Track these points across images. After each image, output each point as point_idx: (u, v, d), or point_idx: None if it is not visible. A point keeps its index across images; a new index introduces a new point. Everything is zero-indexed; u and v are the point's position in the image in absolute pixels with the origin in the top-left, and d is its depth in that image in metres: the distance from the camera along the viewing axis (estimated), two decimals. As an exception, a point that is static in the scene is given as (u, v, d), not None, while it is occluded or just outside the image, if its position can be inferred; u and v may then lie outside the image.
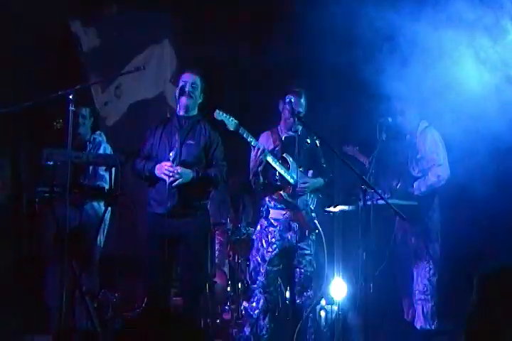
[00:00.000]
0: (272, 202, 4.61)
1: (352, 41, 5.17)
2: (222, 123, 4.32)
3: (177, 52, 6.65)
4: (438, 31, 4.73)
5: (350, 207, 4.69)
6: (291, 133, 4.66)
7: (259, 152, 4.38)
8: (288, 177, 4.51)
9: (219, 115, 4.31)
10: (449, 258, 5.39)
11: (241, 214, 6.24)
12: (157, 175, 4.39)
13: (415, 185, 5.11)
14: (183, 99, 4.50)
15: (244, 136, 4.38)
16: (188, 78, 4.52)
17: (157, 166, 4.40)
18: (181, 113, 4.55)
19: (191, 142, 4.49)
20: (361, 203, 4.40)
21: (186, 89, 4.48)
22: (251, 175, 4.59)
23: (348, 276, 5.15)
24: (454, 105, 4.87)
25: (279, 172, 4.48)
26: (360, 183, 4.27)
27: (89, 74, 6.28)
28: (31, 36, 5.83)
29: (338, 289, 5.15)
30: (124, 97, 6.54)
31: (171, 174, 4.31)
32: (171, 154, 4.39)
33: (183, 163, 4.43)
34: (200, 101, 4.58)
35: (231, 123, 4.31)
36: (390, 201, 4.43)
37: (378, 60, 4.96)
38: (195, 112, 4.59)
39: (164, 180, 4.38)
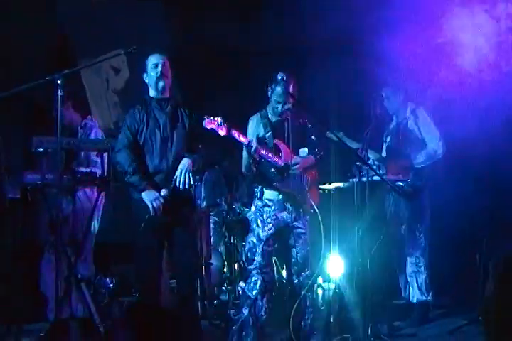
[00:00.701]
0: (266, 183, 4.57)
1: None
2: (212, 130, 4.22)
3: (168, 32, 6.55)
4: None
5: (346, 184, 4.68)
6: (283, 111, 4.60)
7: (253, 150, 4.33)
8: (279, 165, 4.47)
9: (209, 124, 4.21)
10: (446, 233, 5.45)
11: (235, 194, 6.22)
12: (144, 199, 4.30)
13: (412, 157, 5.18)
14: (159, 81, 4.43)
15: (236, 137, 4.31)
16: (158, 59, 4.45)
17: (147, 193, 4.29)
18: (156, 95, 4.48)
19: (178, 124, 4.46)
20: (356, 180, 4.41)
21: (161, 70, 4.42)
22: (244, 170, 4.57)
23: (344, 254, 5.16)
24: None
25: (270, 162, 4.44)
26: (354, 160, 4.27)
27: (78, 59, 6.17)
28: (19, 22, 5.74)
29: (335, 266, 5.16)
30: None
31: (156, 207, 4.27)
32: (162, 192, 4.29)
33: (173, 145, 4.40)
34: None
35: (222, 128, 4.21)
36: (384, 177, 4.44)
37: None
38: (168, 94, 4.53)
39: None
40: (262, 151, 4.38)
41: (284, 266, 4.78)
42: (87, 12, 6.23)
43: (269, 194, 4.55)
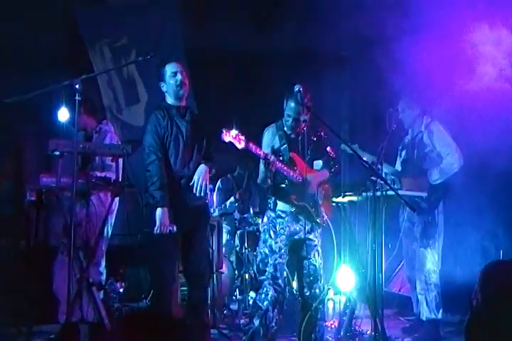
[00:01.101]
0: (281, 195, 4.56)
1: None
2: (230, 143, 4.20)
3: (182, 37, 6.56)
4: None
5: (359, 198, 4.65)
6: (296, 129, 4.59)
7: (271, 165, 4.30)
8: (297, 180, 4.46)
9: (227, 137, 4.18)
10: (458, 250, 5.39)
11: (247, 203, 6.21)
12: (156, 216, 4.32)
13: (428, 174, 5.13)
14: (179, 89, 4.45)
15: (253, 151, 4.27)
16: (176, 68, 4.46)
17: (159, 218, 4.30)
18: (177, 103, 4.50)
19: (196, 132, 4.49)
20: (370, 193, 4.37)
21: (181, 79, 4.43)
22: (260, 182, 4.54)
23: (356, 267, 5.12)
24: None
25: (286, 176, 4.42)
26: (369, 174, 4.24)
27: (93, 63, 6.21)
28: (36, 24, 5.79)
29: (346, 279, 5.13)
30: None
31: (160, 231, 4.29)
32: (174, 227, 4.32)
33: (194, 153, 4.43)
34: None
35: (240, 141, 4.18)
36: (400, 192, 4.41)
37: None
38: (185, 102, 4.56)
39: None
40: (279, 165, 4.37)
41: (296, 278, 4.74)
42: (102, 14, 6.25)
43: (282, 205, 4.54)
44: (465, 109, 5.34)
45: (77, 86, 4.17)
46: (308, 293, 4.51)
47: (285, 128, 4.59)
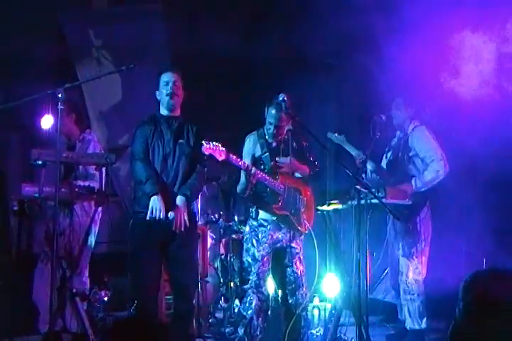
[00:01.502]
0: (262, 204, 4.57)
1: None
2: (211, 156, 4.20)
3: (169, 44, 6.54)
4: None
5: (344, 206, 4.64)
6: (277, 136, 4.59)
7: (252, 176, 4.30)
8: (278, 189, 4.46)
9: (207, 150, 4.17)
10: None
11: (232, 210, 6.19)
12: (149, 204, 4.28)
13: (413, 181, 5.07)
14: (169, 100, 4.42)
15: (233, 162, 4.29)
16: (170, 77, 4.44)
17: (152, 202, 4.27)
18: (166, 113, 4.48)
19: (182, 141, 4.45)
20: (355, 202, 4.37)
21: (171, 89, 4.41)
22: (240, 192, 4.56)
23: (341, 275, 5.11)
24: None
25: (267, 186, 4.42)
26: (354, 182, 4.24)
27: (77, 70, 6.17)
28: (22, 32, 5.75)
29: (332, 286, 5.12)
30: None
31: (154, 216, 4.26)
32: (169, 214, 4.28)
33: (175, 162, 4.38)
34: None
35: (220, 153, 4.17)
36: (384, 200, 4.41)
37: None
38: (178, 112, 4.53)
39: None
40: (260, 175, 4.36)
41: (279, 286, 4.73)
42: (88, 21, 6.22)
43: (264, 214, 4.55)
44: (452, 111, 5.33)
45: (59, 95, 4.14)
46: (291, 301, 4.52)
47: (266, 137, 4.59)
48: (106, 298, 5.62)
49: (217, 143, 4.13)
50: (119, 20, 6.27)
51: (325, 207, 4.77)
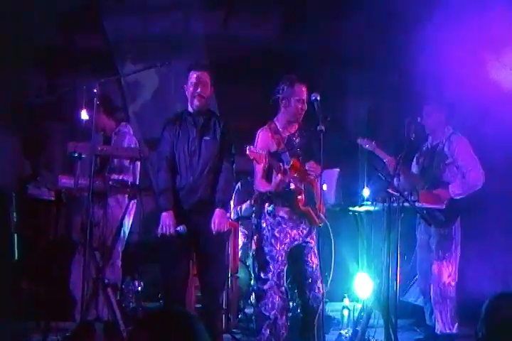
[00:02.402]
0: (282, 202, 4.48)
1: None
2: (254, 160, 4.14)
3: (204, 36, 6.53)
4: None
5: (376, 208, 4.58)
6: (290, 129, 4.50)
7: (287, 177, 4.23)
8: (298, 186, 4.40)
9: (252, 154, 4.08)
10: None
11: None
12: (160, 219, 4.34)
13: (450, 188, 5.03)
14: (196, 101, 4.41)
15: (274, 167, 4.23)
16: (198, 77, 4.40)
17: (163, 218, 4.32)
18: (192, 110, 4.47)
19: (207, 138, 4.43)
20: (386, 204, 4.32)
21: (199, 90, 4.38)
22: (273, 191, 4.43)
23: (373, 275, 5.06)
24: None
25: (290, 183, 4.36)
26: (386, 186, 4.19)
27: (116, 63, 6.23)
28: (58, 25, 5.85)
29: (363, 287, 5.07)
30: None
31: (165, 233, 4.30)
32: (179, 228, 4.31)
33: (201, 159, 4.39)
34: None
35: (262, 161, 4.11)
36: (416, 204, 4.34)
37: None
38: (205, 108, 4.52)
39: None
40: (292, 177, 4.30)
41: (295, 283, 4.67)
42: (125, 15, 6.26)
43: (282, 212, 4.46)
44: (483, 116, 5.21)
45: (94, 90, 4.20)
46: (309, 295, 4.44)
47: (280, 129, 4.49)
48: (140, 288, 5.71)
49: (261, 151, 4.11)
50: (154, 11, 6.27)
51: (357, 208, 4.72)
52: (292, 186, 4.35)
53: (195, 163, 4.39)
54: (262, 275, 4.41)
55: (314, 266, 4.44)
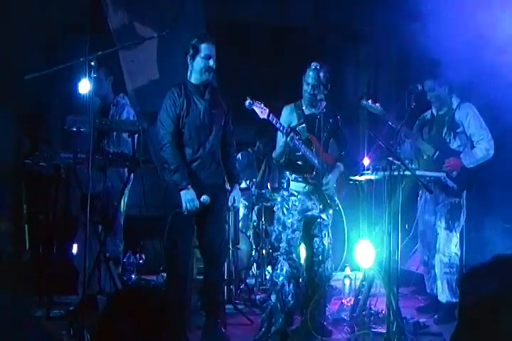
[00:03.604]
0: (293, 175, 4.53)
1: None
2: (253, 111, 4.15)
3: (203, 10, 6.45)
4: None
5: (377, 176, 4.57)
6: (313, 110, 4.52)
7: (290, 139, 4.26)
8: (312, 160, 4.42)
9: (250, 104, 4.14)
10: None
11: (266, 177, 6.17)
12: (181, 198, 4.30)
13: (462, 157, 5.05)
14: (207, 74, 4.37)
15: (274, 123, 4.26)
16: (211, 51, 4.36)
17: (184, 195, 4.29)
18: (198, 82, 4.43)
19: (215, 111, 4.43)
20: (387, 173, 4.31)
21: (211, 64, 4.35)
22: (277, 157, 4.51)
23: (374, 244, 5.07)
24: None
25: (303, 154, 4.38)
26: (386, 154, 4.17)
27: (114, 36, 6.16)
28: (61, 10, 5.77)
29: (365, 255, 5.07)
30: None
31: (192, 209, 4.30)
32: (202, 199, 4.31)
33: (212, 132, 4.41)
34: None
35: (262, 111, 4.14)
36: (418, 172, 4.33)
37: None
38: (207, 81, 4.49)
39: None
40: (298, 142, 4.32)
41: (305, 255, 4.72)
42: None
43: (295, 185, 4.51)
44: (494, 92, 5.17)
45: (92, 63, 4.14)
46: (316, 272, 4.50)
47: (303, 107, 4.53)
48: (141, 261, 5.74)
49: (260, 102, 4.13)
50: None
51: (357, 177, 4.71)
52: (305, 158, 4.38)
53: (205, 136, 4.39)
54: (275, 243, 4.53)
55: (327, 244, 4.50)
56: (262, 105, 4.16)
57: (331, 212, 4.55)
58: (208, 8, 6.37)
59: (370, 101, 4.90)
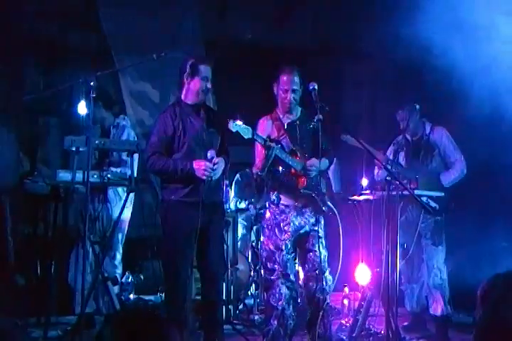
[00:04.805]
0: (283, 189, 4.49)
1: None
2: (237, 133, 4.15)
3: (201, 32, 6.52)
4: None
5: (375, 196, 4.59)
6: (292, 117, 4.53)
7: (275, 152, 4.25)
8: (298, 168, 4.40)
9: (234, 127, 4.13)
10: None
11: (265, 198, 6.16)
12: (197, 175, 4.23)
13: (442, 177, 5.19)
14: (202, 95, 4.37)
15: (258, 140, 4.25)
16: (208, 73, 4.36)
17: (196, 166, 4.22)
18: (193, 102, 4.41)
19: (212, 130, 4.43)
20: (385, 193, 4.33)
21: (209, 86, 4.36)
22: (261, 171, 4.43)
23: (372, 265, 5.07)
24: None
25: (288, 166, 4.37)
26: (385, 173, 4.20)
27: (114, 57, 6.22)
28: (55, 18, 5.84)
29: (363, 275, 5.08)
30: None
31: (211, 173, 4.23)
32: (209, 154, 4.25)
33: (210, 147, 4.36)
34: None
35: (246, 132, 4.13)
36: (416, 192, 4.36)
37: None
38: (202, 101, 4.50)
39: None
40: (280, 154, 4.30)
41: (302, 270, 4.68)
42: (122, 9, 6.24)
43: (286, 199, 4.44)
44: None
45: (91, 83, 4.18)
46: (315, 287, 4.43)
47: (281, 116, 4.50)
48: (138, 281, 5.73)
49: (242, 122, 4.12)
50: (151, 7, 6.25)
51: (356, 197, 4.73)
52: (292, 170, 4.37)
53: (202, 155, 4.30)
54: (268, 265, 4.42)
55: (322, 256, 4.43)
56: (246, 126, 4.13)
57: (323, 222, 4.52)
58: (207, 27, 6.44)
59: (348, 136, 4.93)
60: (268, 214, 4.50)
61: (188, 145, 4.33)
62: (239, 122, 4.12)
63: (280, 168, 4.42)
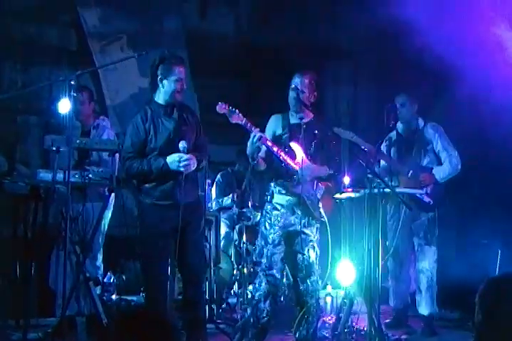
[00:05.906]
0: (277, 188, 4.54)
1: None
2: (224, 115, 4.19)
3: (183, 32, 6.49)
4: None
5: (357, 195, 4.60)
6: (301, 118, 4.56)
7: (256, 139, 4.28)
8: (293, 166, 4.42)
9: (221, 109, 4.17)
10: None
11: (247, 196, 6.16)
12: (172, 169, 4.23)
13: (435, 173, 5.20)
14: (178, 96, 4.35)
15: (244, 125, 4.28)
16: (183, 74, 4.35)
17: (170, 161, 4.23)
18: (164, 102, 4.39)
19: (185, 128, 4.41)
20: (367, 191, 4.35)
21: (184, 86, 4.37)
22: (250, 159, 4.49)
23: (355, 262, 5.09)
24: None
25: (283, 160, 4.39)
26: (366, 172, 4.22)
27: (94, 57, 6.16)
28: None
29: (346, 274, 5.09)
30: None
31: (187, 164, 4.22)
32: (180, 144, 4.24)
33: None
34: None
35: (234, 115, 4.18)
36: (398, 190, 4.37)
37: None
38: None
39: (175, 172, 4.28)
40: (275, 149, 4.36)
41: (290, 272, 4.72)
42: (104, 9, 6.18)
43: (279, 198, 4.50)
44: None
45: (72, 82, 4.14)
46: (301, 288, 4.49)
47: (290, 116, 4.57)
48: (120, 281, 5.68)
49: (231, 106, 4.17)
50: (132, 8, 6.20)
51: (338, 195, 4.74)
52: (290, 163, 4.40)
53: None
54: (257, 259, 4.53)
55: (311, 260, 4.48)
56: (233, 108, 4.20)
57: (317, 226, 4.54)
58: (188, 25, 6.41)
59: (341, 129, 4.95)
60: (263, 212, 4.62)
61: (160, 147, 4.32)
62: (230, 106, 4.20)
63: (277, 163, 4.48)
